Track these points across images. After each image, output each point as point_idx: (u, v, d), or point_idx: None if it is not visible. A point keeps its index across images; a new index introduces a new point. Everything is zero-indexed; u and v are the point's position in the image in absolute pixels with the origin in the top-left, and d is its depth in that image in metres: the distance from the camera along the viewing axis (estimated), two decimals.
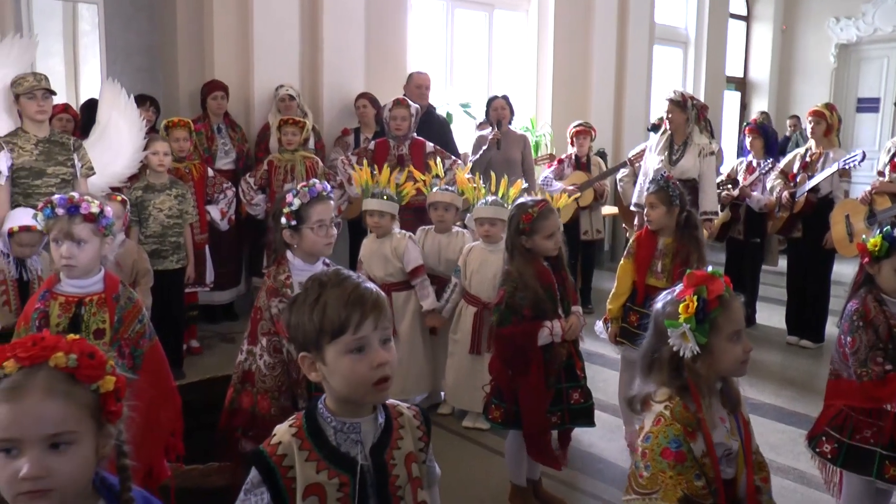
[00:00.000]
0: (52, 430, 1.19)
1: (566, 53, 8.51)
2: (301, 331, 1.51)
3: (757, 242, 6.30)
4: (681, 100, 5.24)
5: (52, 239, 2.53)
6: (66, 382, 1.22)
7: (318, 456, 1.51)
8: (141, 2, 6.52)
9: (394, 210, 4.29)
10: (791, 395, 4.87)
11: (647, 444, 1.92)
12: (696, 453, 1.89)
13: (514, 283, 3.10)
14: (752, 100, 12.27)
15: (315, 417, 1.54)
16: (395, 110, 5.48)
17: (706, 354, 1.92)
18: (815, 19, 11.81)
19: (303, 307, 1.51)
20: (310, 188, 2.74)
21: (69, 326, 2.52)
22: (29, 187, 4.24)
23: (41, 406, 1.19)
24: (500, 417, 3.22)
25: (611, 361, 5.29)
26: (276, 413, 2.66)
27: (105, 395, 1.25)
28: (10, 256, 3.76)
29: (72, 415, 1.21)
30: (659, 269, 3.78)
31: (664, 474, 1.86)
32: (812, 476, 3.76)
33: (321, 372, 1.52)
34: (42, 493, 1.18)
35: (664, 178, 3.78)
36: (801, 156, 5.84)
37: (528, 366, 3.09)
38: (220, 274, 5.71)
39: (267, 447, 1.52)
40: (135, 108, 4.93)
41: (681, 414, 1.91)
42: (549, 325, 3.09)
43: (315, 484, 1.49)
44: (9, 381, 1.20)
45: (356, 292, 1.50)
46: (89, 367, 1.24)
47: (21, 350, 1.21)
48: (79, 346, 1.25)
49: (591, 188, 6.58)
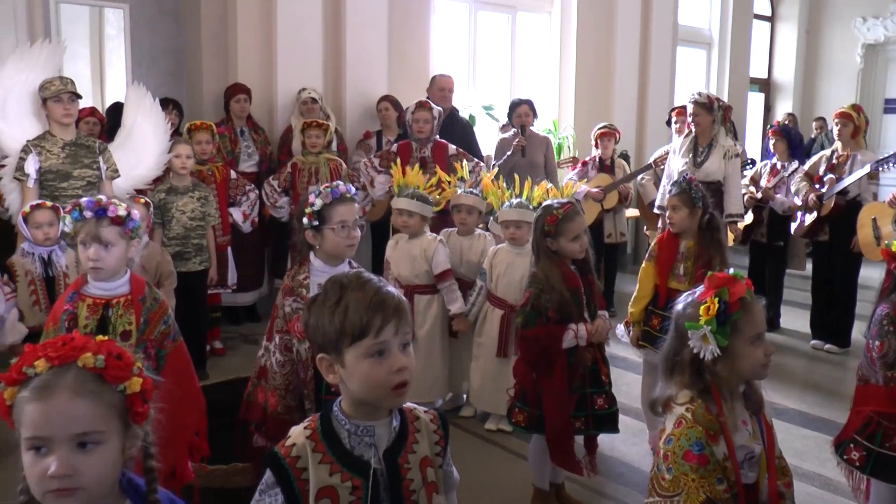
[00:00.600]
0: (79, 430, 1.21)
1: (589, 55, 8.48)
2: (321, 332, 1.51)
3: (780, 245, 6.23)
4: (707, 102, 5.20)
5: (80, 241, 2.55)
6: (94, 382, 1.24)
7: (332, 458, 1.51)
8: (166, 6, 6.59)
9: (423, 211, 4.29)
10: (816, 401, 4.81)
11: (669, 446, 1.91)
12: (718, 456, 1.87)
13: (540, 286, 3.10)
14: (776, 101, 12.16)
15: (330, 420, 1.55)
16: (417, 113, 5.49)
17: (727, 357, 1.91)
18: (841, 19, 11.68)
19: (323, 309, 1.51)
20: (332, 189, 2.74)
21: (97, 328, 2.55)
22: (56, 189, 4.31)
23: (70, 405, 1.21)
24: (523, 421, 3.21)
25: (633, 365, 5.25)
26: (282, 411, 2.67)
27: (132, 396, 1.27)
28: (35, 255, 3.79)
29: (99, 415, 1.23)
30: (681, 272, 3.74)
31: (686, 477, 1.85)
32: (838, 483, 3.72)
33: (339, 374, 1.52)
34: (69, 492, 1.20)
35: (686, 181, 3.75)
36: (826, 158, 5.77)
37: (552, 368, 3.08)
38: (243, 276, 5.75)
39: (281, 448, 1.52)
40: (160, 111, 4.99)
41: (702, 416, 1.89)
42: (573, 329, 3.08)
43: (328, 486, 1.49)
44: (39, 381, 1.21)
45: (378, 296, 1.49)
46: (117, 367, 1.26)
47: (51, 350, 1.23)
48: (107, 347, 1.27)
49: (615, 191, 6.55)
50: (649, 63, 8.94)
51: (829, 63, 11.88)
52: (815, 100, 11.99)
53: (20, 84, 4.45)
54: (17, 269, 3.72)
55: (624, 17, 8.64)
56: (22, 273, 3.72)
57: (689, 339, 1.94)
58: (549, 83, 8.59)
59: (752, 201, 6.07)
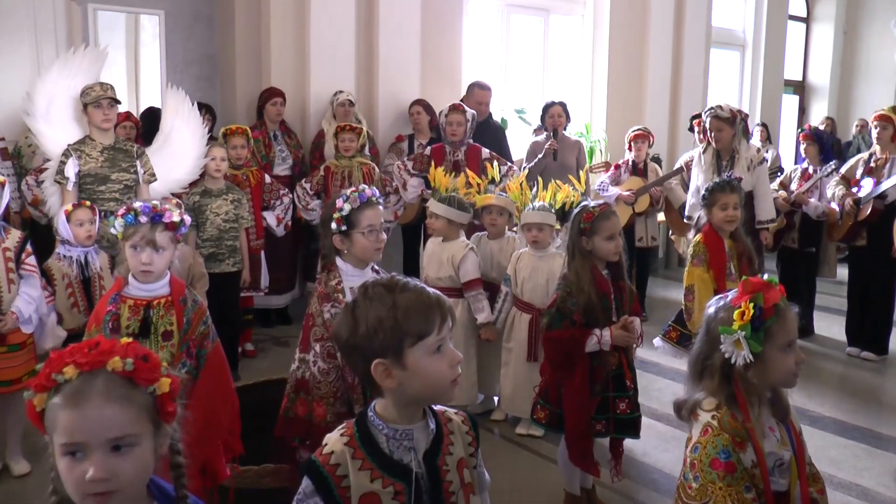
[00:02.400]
0: (114, 434, 1.22)
1: (621, 58, 8.43)
2: (378, 337, 1.50)
3: (812, 251, 6.11)
4: (729, 115, 5.16)
5: (131, 245, 2.60)
6: (125, 386, 1.25)
7: (372, 464, 1.51)
8: (201, 12, 6.67)
9: (448, 215, 4.27)
10: (852, 409, 4.73)
11: (696, 454, 1.88)
12: (746, 464, 1.84)
13: (569, 288, 3.09)
14: (811, 103, 11.99)
15: (366, 425, 1.55)
16: (451, 115, 5.50)
17: (758, 363, 1.88)
18: (879, 19, 11.49)
19: (377, 313, 1.50)
20: (360, 193, 2.75)
21: (140, 329, 2.59)
22: (94, 193, 4.39)
23: (103, 411, 1.22)
24: (544, 418, 3.25)
25: (665, 370, 5.21)
26: (332, 420, 2.64)
27: (162, 397, 1.28)
28: (73, 258, 3.85)
29: (132, 418, 1.24)
30: (732, 272, 3.71)
31: (714, 485, 1.82)
32: (875, 492, 3.66)
33: (396, 377, 1.51)
34: (108, 495, 1.22)
35: (736, 179, 3.78)
36: (864, 161, 5.67)
37: (573, 371, 3.08)
38: (276, 279, 5.79)
39: (319, 457, 1.53)
40: (197, 115, 5.04)
41: (729, 424, 1.87)
42: (597, 334, 3.06)
43: (370, 493, 1.50)
44: (70, 387, 1.22)
45: (429, 295, 1.54)
46: (145, 369, 1.26)
47: (79, 356, 1.24)
48: (133, 349, 1.28)
49: (646, 194, 6.50)
50: (682, 65, 8.87)
51: (867, 64, 11.68)
52: (851, 102, 11.80)
53: (64, 90, 4.54)
54: (54, 272, 3.77)
55: (657, 20, 8.58)
56: (59, 276, 3.78)
57: (720, 344, 1.91)
58: (581, 86, 8.56)
59: (785, 205, 5.97)
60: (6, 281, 3.47)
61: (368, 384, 1.56)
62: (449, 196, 4.32)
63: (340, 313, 1.58)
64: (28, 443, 3.72)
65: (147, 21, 6.50)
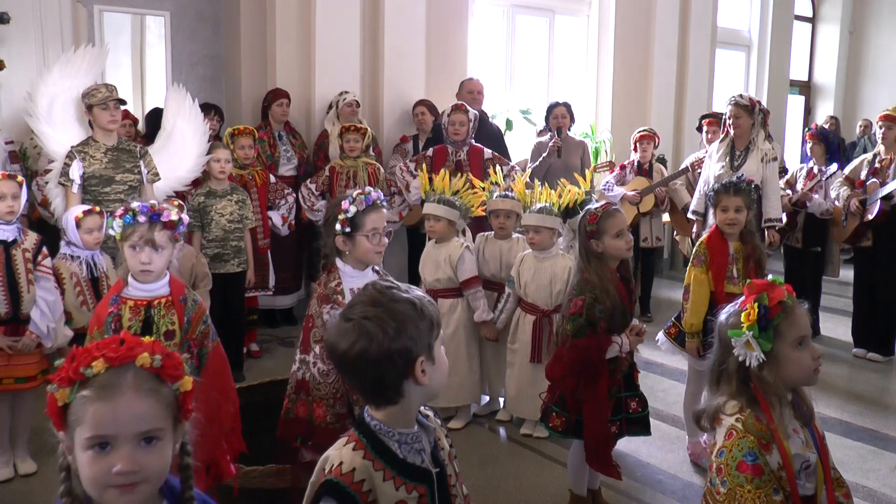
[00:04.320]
0: (144, 427, 1.24)
1: (627, 58, 8.42)
2: (420, 337, 1.51)
3: (817, 251, 6.07)
4: (749, 104, 5.13)
5: (130, 245, 2.60)
6: (153, 381, 1.27)
7: (393, 473, 1.50)
8: (206, 13, 6.69)
9: (450, 216, 4.29)
10: (858, 410, 4.71)
11: (722, 459, 1.85)
12: (772, 466, 1.83)
13: (594, 294, 3.03)
14: (816, 104, 11.96)
15: (374, 435, 1.53)
16: (453, 115, 5.49)
17: (772, 362, 1.87)
18: (885, 19, 11.45)
19: (405, 312, 1.50)
20: (366, 196, 2.75)
21: (141, 329, 2.60)
22: (99, 194, 4.39)
23: (134, 404, 1.24)
24: (561, 426, 3.19)
25: (670, 371, 5.21)
26: (332, 420, 2.66)
27: (184, 394, 1.31)
28: (82, 259, 3.87)
29: (159, 412, 1.27)
30: (735, 275, 3.66)
31: (742, 489, 1.80)
32: (882, 494, 3.65)
33: (427, 374, 1.53)
34: (133, 487, 1.23)
35: (745, 181, 3.70)
36: (868, 162, 5.65)
37: (597, 378, 3.06)
38: (282, 279, 5.80)
39: (340, 477, 1.48)
40: (199, 112, 5.03)
41: (753, 426, 1.85)
42: (618, 341, 3.05)
43: (399, 502, 1.50)
44: (100, 381, 1.24)
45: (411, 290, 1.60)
46: (171, 366, 1.30)
47: (109, 350, 1.26)
48: (158, 348, 1.31)
49: (651, 194, 6.49)
50: (687, 66, 8.85)
51: (874, 64, 11.64)
52: (857, 102, 11.76)
53: (65, 90, 4.53)
54: (62, 271, 3.79)
55: (662, 20, 8.57)
56: (67, 275, 3.79)
57: (733, 348, 1.91)
58: (586, 87, 8.55)
59: (788, 206, 5.95)
60: (26, 282, 3.55)
61: (382, 392, 1.52)
62: (441, 196, 4.32)
63: (350, 332, 1.50)
64: (34, 443, 3.74)
65: (153, 22, 6.52)
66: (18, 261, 3.53)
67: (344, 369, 1.55)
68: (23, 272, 3.53)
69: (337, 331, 1.52)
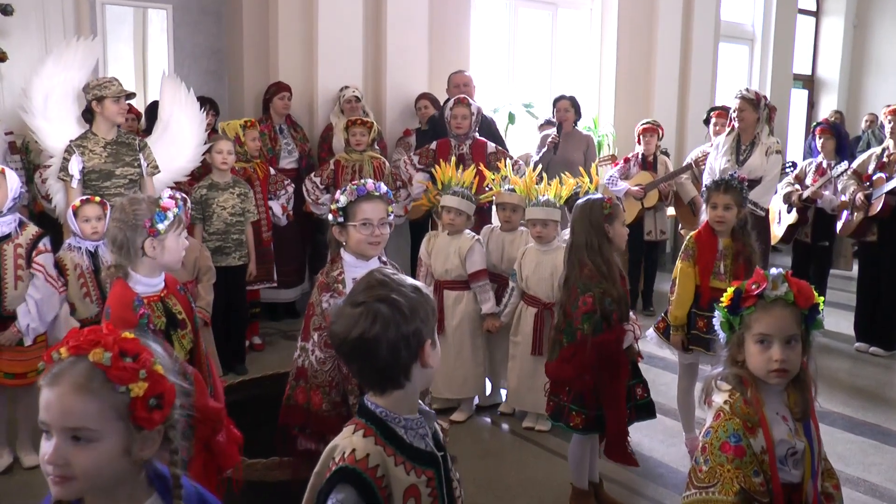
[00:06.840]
0: (71, 424, 1.21)
1: (629, 52, 8.40)
2: (429, 320, 1.55)
3: (825, 245, 6.09)
4: (754, 98, 5.13)
5: (177, 233, 2.63)
6: (97, 380, 1.22)
7: (403, 458, 1.54)
8: (208, 6, 6.68)
9: (469, 210, 4.32)
10: (860, 405, 4.71)
11: (707, 438, 1.94)
12: (756, 449, 1.89)
13: (602, 287, 3.07)
14: (820, 98, 11.90)
15: (382, 421, 1.55)
16: (456, 109, 5.47)
17: (741, 349, 1.96)
18: (889, 13, 11.38)
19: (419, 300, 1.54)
20: (359, 186, 2.74)
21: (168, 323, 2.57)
22: (99, 189, 4.36)
23: (66, 399, 1.21)
24: (581, 423, 3.18)
25: (671, 365, 5.19)
26: (328, 408, 2.66)
27: (135, 401, 1.23)
28: (83, 249, 3.86)
29: (93, 413, 1.21)
30: (721, 271, 3.69)
31: (722, 468, 1.87)
32: (884, 488, 3.65)
33: (432, 356, 1.57)
34: (63, 480, 1.22)
35: (737, 179, 3.70)
36: (876, 156, 5.63)
37: (618, 370, 3.10)
38: (285, 272, 5.79)
39: (354, 463, 1.48)
40: (195, 101, 5.00)
41: (741, 409, 1.92)
42: (630, 328, 3.13)
43: (411, 486, 1.53)
44: (55, 367, 1.23)
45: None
46: (122, 368, 1.22)
47: (75, 338, 1.24)
48: (126, 345, 1.25)
49: (655, 189, 6.48)
50: (690, 60, 8.82)
51: (878, 58, 11.58)
52: (861, 96, 11.71)
53: (60, 84, 4.50)
54: (66, 263, 3.79)
55: (665, 13, 8.54)
56: (71, 266, 3.79)
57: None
58: (589, 80, 8.53)
59: (799, 202, 5.93)
60: (14, 278, 3.50)
61: (392, 376, 1.53)
62: (463, 191, 4.32)
63: (362, 317, 1.50)
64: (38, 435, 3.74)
65: (155, 15, 6.50)
66: (8, 257, 3.49)
67: (353, 356, 1.53)
68: (11, 268, 3.49)
69: (345, 318, 1.52)
